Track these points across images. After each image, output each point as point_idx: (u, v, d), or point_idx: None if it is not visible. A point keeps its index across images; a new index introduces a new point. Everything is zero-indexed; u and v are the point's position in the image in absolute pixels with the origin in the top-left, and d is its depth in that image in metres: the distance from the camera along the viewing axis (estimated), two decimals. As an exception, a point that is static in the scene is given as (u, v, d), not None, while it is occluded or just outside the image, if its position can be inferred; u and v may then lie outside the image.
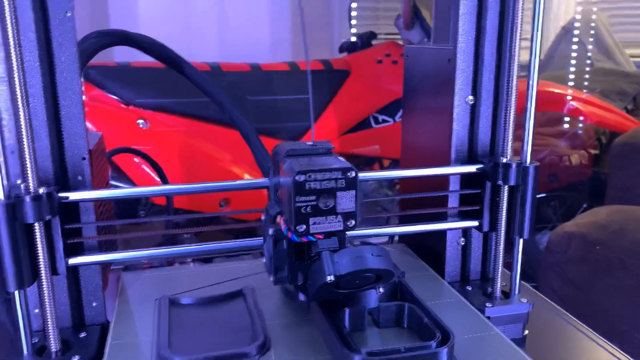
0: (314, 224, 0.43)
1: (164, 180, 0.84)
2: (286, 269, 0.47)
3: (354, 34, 1.74)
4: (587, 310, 1.12)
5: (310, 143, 0.48)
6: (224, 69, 1.43)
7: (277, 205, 0.48)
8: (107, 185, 0.64)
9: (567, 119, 1.82)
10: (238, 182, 0.53)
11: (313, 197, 0.43)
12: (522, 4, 0.51)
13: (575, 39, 2.24)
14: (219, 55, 1.74)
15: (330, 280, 0.43)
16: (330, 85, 1.50)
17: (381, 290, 0.49)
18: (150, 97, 1.34)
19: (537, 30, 0.51)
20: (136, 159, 1.30)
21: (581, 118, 1.79)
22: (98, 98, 1.32)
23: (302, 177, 0.42)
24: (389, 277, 0.46)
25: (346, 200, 0.43)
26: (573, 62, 2.21)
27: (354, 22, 1.89)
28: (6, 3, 0.40)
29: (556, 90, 1.82)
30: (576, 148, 1.75)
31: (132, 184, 1.29)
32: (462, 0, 0.54)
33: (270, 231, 0.46)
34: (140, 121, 1.32)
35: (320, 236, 0.44)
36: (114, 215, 0.66)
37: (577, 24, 2.26)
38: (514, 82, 0.52)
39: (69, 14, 0.46)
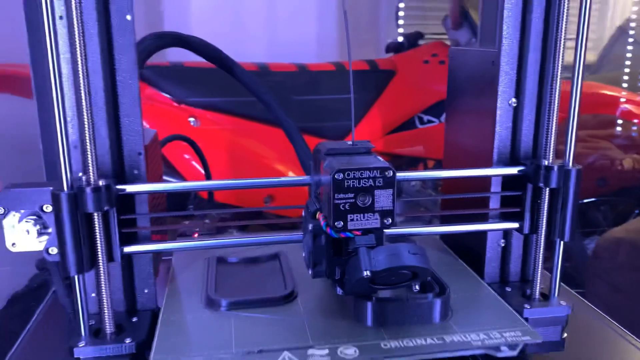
0: (352, 220, 0.45)
1: (207, 170, 0.88)
2: (324, 263, 0.49)
3: (400, 34, 1.74)
4: (635, 318, 1.09)
5: (350, 142, 0.50)
6: (272, 69, 1.46)
7: (317, 202, 0.50)
8: (161, 179, 0.67)
9: (620, 121, 1.77)
10: (281, 179, 0.55)
11: (351, 195, 0.45)
12: (567, 7, 0.50)
13: (631, 40, 2.16)
14: (268, 55, 1.78)
15: (366, 275, 0.44)
16: (375, 85, 1.51)
17: (417, 287, 0.51)
18: (201, 96, 1.39)
19: (583, 31, 0.50)
20: (186, 155, 1.35)
21: (635, 121, 1.73)
22: (152, 96, 1.37)
23: (340, 175, 0.44)
24: (425, 275, 0.47)
25: (384, 199, 0.45)
26: (628, 63, 2.14)
27: (401, 22, 1.89)
28: (73, 8, 0.43)
29: (609, 92, 1.77)
30: (629, 152, 1.70)
31: (183, 179, 1.34)
32: (506, 3, 0.55)
33: (310, 227, 0.48)
34: (191, 119, 1.36)
35: (358, 233, 0.46)
36: (166, 208, 0.70)
37: (633, 24, 2.18)
38: (558, 86, 0.52)
39: (129, 18, 0.49)
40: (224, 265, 0.64)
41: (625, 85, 2.08)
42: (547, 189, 0.54)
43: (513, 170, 0.56)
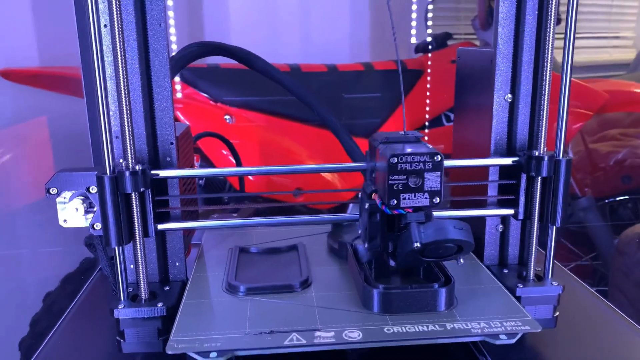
0: (404, 199, 0.51)
1: (237, 161, 0.95)
2: (379, 238, 0.55)
3: (429, 35, 1.78)
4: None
5: (402, 133, 0.56)
6: (303, 69, 1.53)
7: (372, 185, 0.56)
8: (192, 167, 0.75)
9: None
10: (337, 164, 0.62)
11: (404, 177, 0.50)
12: (557, 11, 0.55)
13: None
14: (303, 56, 1.85)
15: (416, 247, 0.50)
16: (403, 85, 1.57)
17: (462, 261, 0.55)
18: (236, 96, 1.48)
19: (571, 30, 0.54)
20: (224, 151, 1.43)
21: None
22: (191, 96, 1.47)
23: (395, 160, 0.50)
24: (469, 249, 0.53)
25: (432, 180, 0.51)
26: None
27: (432, 22, 1.93)
28: (115, 18, 0.51)
29: (643, 91, 1.76)
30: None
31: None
32: (500, 7, 0.59)
33: (367, 205, 0.54)
34: (227, 117, 1.45)
35: (410, 210, 0.52)
36: (198, 194, 0.78)
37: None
38: (548, 82, 0.57)
39: (162, 25, 0.57)
40: (246, 254, 0.70)
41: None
42: (539, 177, 0.58)
43: (507, 161, 0.61)
